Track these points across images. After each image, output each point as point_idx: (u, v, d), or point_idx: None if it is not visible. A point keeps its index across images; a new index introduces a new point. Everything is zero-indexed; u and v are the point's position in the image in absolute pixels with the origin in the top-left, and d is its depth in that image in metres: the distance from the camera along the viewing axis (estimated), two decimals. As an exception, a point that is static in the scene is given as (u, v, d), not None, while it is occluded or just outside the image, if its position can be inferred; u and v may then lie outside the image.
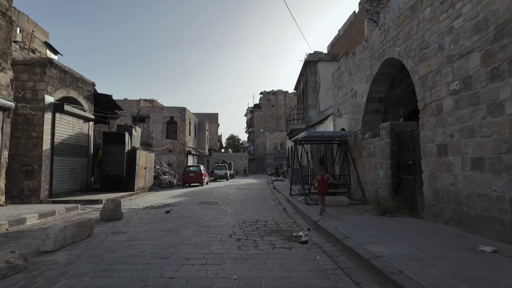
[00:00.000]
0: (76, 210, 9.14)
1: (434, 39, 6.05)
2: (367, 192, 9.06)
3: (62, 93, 11.99)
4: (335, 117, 11.81)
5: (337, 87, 11.78)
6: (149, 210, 9.30)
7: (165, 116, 28.65)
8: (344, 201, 8.64)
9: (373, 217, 6.95)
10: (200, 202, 11.13)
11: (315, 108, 19.08)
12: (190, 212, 8.71)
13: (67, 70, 12.35)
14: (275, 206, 10.16)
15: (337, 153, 11.19)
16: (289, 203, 10.50)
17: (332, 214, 7.27)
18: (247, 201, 11.61)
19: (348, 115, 10.56)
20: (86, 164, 13.93)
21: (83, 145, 13.65)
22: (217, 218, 7.65)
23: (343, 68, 11.17)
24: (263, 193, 15.05)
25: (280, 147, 56.75)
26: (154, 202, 11.47)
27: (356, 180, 9.68)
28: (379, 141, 8.30)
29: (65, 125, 12.29)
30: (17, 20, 25.81)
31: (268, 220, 7.57)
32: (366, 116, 9.45)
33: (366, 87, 9.22)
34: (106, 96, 14.99)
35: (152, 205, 10.42)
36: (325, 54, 19.39)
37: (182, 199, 12.19)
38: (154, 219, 7.48)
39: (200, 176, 20.97)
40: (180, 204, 10.66)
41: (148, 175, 16.61)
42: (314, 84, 19.22)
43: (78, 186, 13.23)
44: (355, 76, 10.04)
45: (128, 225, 6.82)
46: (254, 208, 9.60)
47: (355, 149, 9.84)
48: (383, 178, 8.09)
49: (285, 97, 68.39)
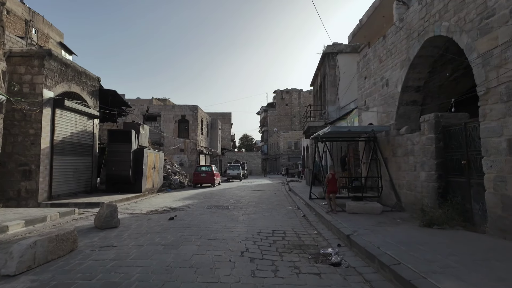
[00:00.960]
0: (72, 215, 8.23)
1: (503, 4, 4.70)
2: (403, 197, 7.72)
3: (63, 88, 11.19)
4: (361, 111, 10.48)
5: (363, 77, 10.44)
6: (152, 215, 8.29)
7: (177, 115, 27.88)
8: (377, 208, 7.34)
9: (417, 229, 5.64)
10: (209, 206, 10.05)
11: (334, 104, 17.71)
12: (196, 218, 7.63)
13: (69, 63, 11.55)
14: (293, 212, 8.96)
15: (364, 152, 9.86)
16: (309, 208, 9.27)
17: (365, 225, 6.01)
18: (262, 205, 10.45)
19: (378, 108, 9.22)
20: (91, 163, 13.12)
21: (87, 143, 12.85)
22: (226, 228, 6.52)
23: (371, 54, 9.83)
24: (279, 196, 13.86)
25: (295, 147, 55.32)
26: (160, 205, 10.48)
27: (389, 183, 8.34)
28: (420, 137, 6.96)
29: (67, 122, 11.48)
30: (32, 21, 25.78)
31: (287, 230, 6.38)
32: (400, 108, 8.10)
33: (401, 74, 7.87)
34: (111, 91, 14.16)
35: (157, 209, 9.42)
36: (345, 46, 18.00)
37: (191, 202, 11.16)
38: (154, 228, 6.43)
39: (212, 176, 19.97)
40: (187, 208, 9.61)
41: (157, 176, 15.72)
42: (333, 78, 17.85)
43: (82, 187, 12.44)
44: (386, 62, 8.70)
45: (123, 235, 5.78)
46: (270, 214, 8.42)
47: (387, 147, 8.50)
48: (425, 181, 6.75)
49: (300, 96, 66.89)
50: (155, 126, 27.75)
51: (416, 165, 7.12)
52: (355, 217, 6.88)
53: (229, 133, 62.50)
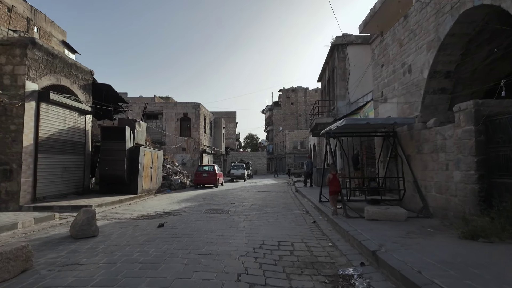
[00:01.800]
0: (51, 221, 7.28)
1: None
2: (431, 201, 6.60)
3: (49, 80, 10.28)
4: (378, 104, 9.36)
5: (380, 65, 9.32)
6: (141, 221, 7.30)
7: (179, 113, 26.99)
8: (401, 214, 6.23)
9: (458, 242, 4.53)
10: (207, 210, 9.03)
11: (344, 99, 16.57)
12: (190, 225, 6.60)
13: (56, 53, 10.64)
14: (301, 217, 7.89)
15: (382, 149, 8.74)
16: (320, 212, 8.20)
17: (391, 236, 4.92)
18: (266, 208, 9.40)
19: (398, 99, 8.10)
20: (83, 163, 12.22)
21: (78, 141, 11.94)
22: (223, 238, 5.48)
23: (389, 39, 8.71)
24: (285, 198, 12.79)
25: (300, 146, 54.16)
26: (154, 208, 9.51)
27: (412, 185, 7.22)
28: (454, 130, 5.83)
29: (54, 118, 10.58)
30: (34, 19, 25.15)
31: (296, 241, 5.32)
32: (427, 97, 6.98)
33: (428, 58, 6.75)
34: (105, 86, 13.25)
35: (149, 213, 8.44)
36: (355, 37, 16.84)
37: (188, 205, 10.16)
38: (138, 238, 5.43)
39: (214, 176, 18.98)
40: (182, 212, 8.61)
41: (155, 176, 14.77)
42: (342, 71, 16.71)
43: (72, 188, 11.53)
44: (408, 45, 7.58)
45: (97, 248, 4.79)
46: (275, 220, 7.37)
47: (410, 143, 7.38)
48: (461, 183, 5.63)
49: (305, 94, 65.71)
50: (156, 125, 26.90)
51: (449, 163, 6.00)
52: (376, 225, 5.80)
53: (234, 133, 61.57)
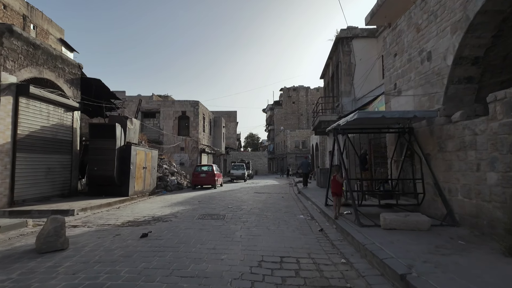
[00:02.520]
0: (22, 229, 6.41)
1: None
2: (457, 206, 5.70)
3: (30, 73, 9.44)
4: (390, 97, 8.46)
5: (392, 55, 8.42)
6: (125, 229, 6.43)
7: (177, 111, 26.13)
8: (423, 222, 5.34)
9: (507, 261, 3.64)
10: (202, 215, 8.16)
11: (349, 95, 15.69)
12: (178, 235, 5.73)
13: (38, 44, 9.79)
14: (306, 224, 7.00)
15: (395, 148, 7.83)
16: (327, 218, 7.31)
17: (418, 252, 4.03)
18: (267, 213, 8.52)
19: (414, 90, 7.20)
20: (69, 162, 11.38)
21: (64, 139, 11.09)
22: (215, 252, 4.61)
23: (404, 24, 7.81)
24: (287, 200, 11.91)
25: (302, 146, 53.27)
26: (144, 213, 8.64)
27: (433, 187, 6.33)
28: (487, 124, 4.94)
29: (36, 114, 9.73)
30: (30, 16, 24.39)
31: (302, 257, 4.44)
32: (450, 87, 6.09)
33: (452, 41, 5.86)
34: (95, 80, 12.40)
35: (136, 219, 7.58)
36: (361, 30, 15.94)
37: (181, 209, 9.29)
38: (113, 253, 4.56)
39: (212, 177, 18.11)
40: (173, 218, 7.74)
41: (149, 177, 13.92)
42: (347, 66, 15.81)
43: (57, 190, 10.69)
44: (428, 29, 6.68)
45: (59, 268, 3.92)
46: (277, 228, 6.49)
47: (430, 140, 6.49)
48: (497, 186, 4.73)
49: (307, 93, 64.86)
50: (154, 123, 26.07)
51: (480, 163, 5.10)
52: (396, 236, 4.91)
53: (234, 132, 60.67)
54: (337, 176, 7.04)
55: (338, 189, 6.94)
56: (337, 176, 7.06)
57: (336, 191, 6.92)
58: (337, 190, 6.93)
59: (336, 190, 6.92)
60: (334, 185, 7.04)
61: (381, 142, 10.55)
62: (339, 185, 6.99)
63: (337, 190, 6.93)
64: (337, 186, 6.97)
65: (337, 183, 7.01)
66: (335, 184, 7.02)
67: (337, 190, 6.93)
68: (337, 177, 7.02)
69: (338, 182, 6.99)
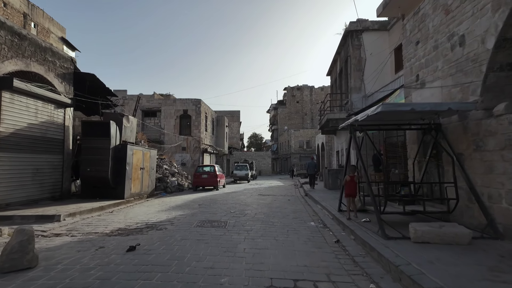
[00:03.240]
0: (-6, 238, 5.63)
1: None
2: (502, 216, 4.81)
3: (16, 66, 8.68)
4: (410, 90, 7.56)
5: (414, 43, 7.53)
6: (112, 239, 5.62)
7: (178, 110, 25.36)
8: (463, 235, 4.47)
9: None
10: (200, 221, 7.32)
11: (359, 92, 14.78)
12: (171, 249, 4.90)
13: (25, 34, 9.03)
14: (319, 233, 6.14)
15: (420, 147, 6.92)
16: (342, 226, 6.44)
17: (472, 278, 3.17)
18: (273, 219, 7.66)
19: (442, 81, 6.31)
20: (61, 163, 10.62)
21: (54, 138, 10.33)
22: (213, 273, 3.77)
23: (428, 7, 6.92)
24: (294, 203, 11.05)
25: (306, 146, 52.37)
26: (137, 218, 7.84)
27: (468, 193, 5.44)
28: (545, 117, 4.05)
29: (23, 110, 8.97)
30: (31, 14, 23.82)
31: (320, 280, 3.59)
32: (490, 76, 5.20)
33: (494, 21, 4.97)
34: (89, 75, 11.63)
35: (127, 227, 6.77)
36: (371, 22, 15.02)
37: (179, 214, 8.47)
38: (89, 273, 3.74)
39: (214, 178, 17.28)
40: (169, 225, 6.92)
41: (147, 178, 13.13)
42: (357, 61, 14.91)
43: (47, 193, 9.93)
44: (460, 10, 5.79)
45: (16, 295, 3.11)
46: (286, 238, 5.64)
47: (463, 137, 5.61)
48: (559, 193, 3.84)
49: (311, 93, 63.94)
50: (154, 122, 25.34)
51: (534, 164, 4.22)
52: (433, 253, 4.04)
53: (237, 132, 59.90)
54: (355, 176, 6.88)
55: (352, 190, 6.79)
56: (355, 177, 6.87)
57: (351, 192, 6.77)
58: (352, 191, 6.78)
59: (351, 191, 6.78)
60: (348, 186, 6.83)
61: (398, 140, 9.67)
62: (354, 186, 6.82)
63: (352, 191, 6.79)
64: (353, 187, 6.81)
65: (354, 184, 6.82)
66: (350, 185, 6.82)
67: (352, 191, 6.78)
68: (355, 177, 6.87)
69: (354, 183, 6.82)
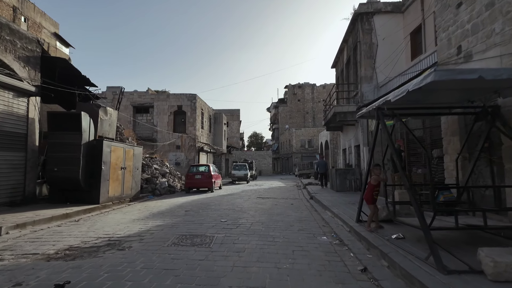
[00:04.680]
0: None
1: None
2: None
3: (-43, 42, 7.07)
4: (449, 67, 5.91)
5: (453, 6, 5.88)
6: (46, 266, 3.99)
7: (172, 105, 23.73)
8: None
9: None
10: (179, 236, 5.68)
11: (370, 81, 13.15)
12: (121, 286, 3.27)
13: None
14: (336, 254, 4.50)
15: (468, 137, 5.28)
16: (366, 243, 4.80)
17: None
18: (273, 232, 6.02)
19: (502, 48, 4.66)
20: (23, 161, 9.00)
21: (13, 131, 8.72)
22: None
23: (477, -46, 5.27)
24: (298, 209, 9.41)
25: (308, 145, 50.75)
26: (102, 231, 6.21)
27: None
28: None
29: (-33, 97, 7.37)
30: (21, 8, 22.31)
31: None
32: None
33: None
34: (60, 60, 10.01)
35: (82, 244, 5.14)
36: (383, 4, 13.39)
37: (156, 225, 6.83)
38: None
39: (209, 178, 15.65)
40: (136, 242, 5.27)
41: (130, 179, 11.50)
42: (368, 47, 13.28)
43: (4, 197, 8.32)
44: None
45: None
46: (292, 265, 4.00)
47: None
48: None
49: (313, 91, 62.34)
50: (147, 119, 23.74)
51: None
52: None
53: (237, 131, 58.27)
54: (381, 176, 5.68)
55: (367, 195, 5.67)
56: (380, 177, 5.67)
57: (366, 197, 5.70)
58: (367, 196, 5.67)
59: (366, 197, 5.69)
60: (371, 190, 5.62)
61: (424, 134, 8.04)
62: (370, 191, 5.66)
63: (367, 196, 5.66)
64: (368, 192, 5.71)
65: (379, 188, 5.70)
66: (374, 189, 5.62)
67: (367, 197, 5.67)
68: (381, 177, 5.68)
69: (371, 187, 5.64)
